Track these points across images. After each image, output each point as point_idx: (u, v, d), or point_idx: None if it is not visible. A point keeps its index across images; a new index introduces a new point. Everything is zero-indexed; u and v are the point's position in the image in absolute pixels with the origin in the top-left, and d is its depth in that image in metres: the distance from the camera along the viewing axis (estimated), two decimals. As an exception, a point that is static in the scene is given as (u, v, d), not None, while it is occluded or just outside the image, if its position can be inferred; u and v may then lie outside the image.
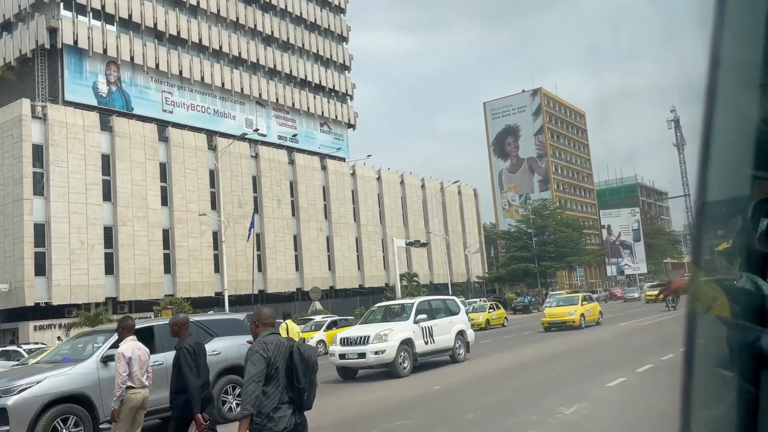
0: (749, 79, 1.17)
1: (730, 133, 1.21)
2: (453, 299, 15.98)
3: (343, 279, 52.21)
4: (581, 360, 14.57)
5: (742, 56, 1.19)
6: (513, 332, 28.06)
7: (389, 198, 59.03)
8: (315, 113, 56.66)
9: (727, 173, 1.22)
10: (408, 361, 12.66)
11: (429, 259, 63.68)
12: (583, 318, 25.24)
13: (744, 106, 1.20)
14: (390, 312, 14.77)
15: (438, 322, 14.00)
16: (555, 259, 55.45)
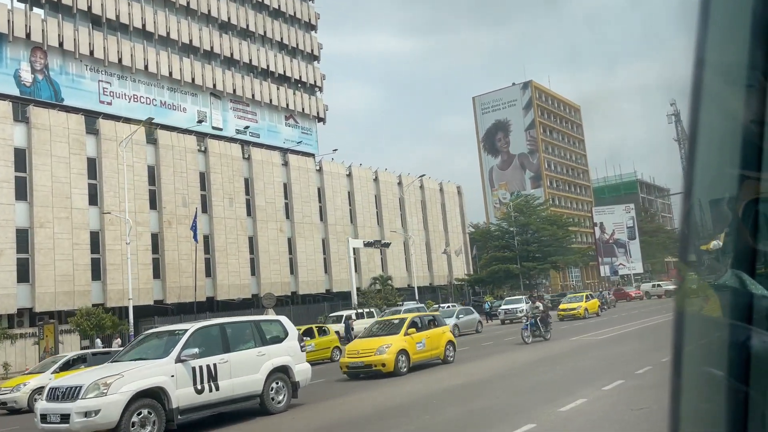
0: (735, 79, 1.17)
1: (718, 133, 1.21)
2: (278, 320, 11.36)
3: (307, 284, 48.24)
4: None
5: (728, 56, 1.19)
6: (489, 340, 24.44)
7: (361, 196, 55.06)
8: (279, 106, 52.76)
9: (715, 173, 1.22)
10: (150, 425, 8.33)
11: (407, 260, 59.65)
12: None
13: (731, 106, 1.20)
14: (152, 343, 10.07)
15: (232, 357, 9.56)
16: (538, 259, 51.26)
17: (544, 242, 52.69)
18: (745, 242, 1.18)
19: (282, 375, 10.21)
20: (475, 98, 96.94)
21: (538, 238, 52.60)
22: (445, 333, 17.75)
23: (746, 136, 1.15)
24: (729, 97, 1.21)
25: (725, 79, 1.22)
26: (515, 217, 53.63)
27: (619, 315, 33.92)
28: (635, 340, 18.71)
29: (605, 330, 23.62)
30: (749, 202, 1.16)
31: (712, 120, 1.20)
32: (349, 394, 12.10)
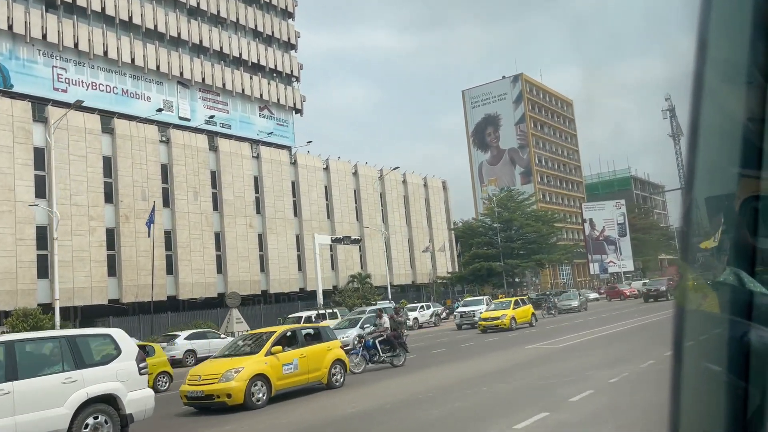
0: (735, 76, 1.18)
1: (717, 130, 1.22)
2: (107, 334, 8.31)
3: (279, 282, 46.04)
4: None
5: (728, 53, 1.20)
6: (442, 346, 21.98)
7: (339, 190, 52.85)
8: (252, 96, 50.46)
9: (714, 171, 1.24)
10: None
11: (388, 257, 57.46)
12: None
13: (730, 103, 1.21)
14: None
15: (19, 387, 7.08)
16: (522, 256, 49.09)
17: (528, 239, 50.50)
18: (743, 240, 1.18)
19: (104, 407, 7.80)
20: (464, 92, 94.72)
21: (522, 235, 50.43)
22: (332, 350, 14.09)
23: (745, 133, 1.14)
24: (728, 94, 1.20)
25: (725, 76, 1.20)
26: (499, 213, 51.43)
27: (559, 325, 27.85)
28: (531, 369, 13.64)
29: (522, 348, 18.71)
30: (747, 199, 1.16)
31: (711, 117, 1.19)
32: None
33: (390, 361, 16.62)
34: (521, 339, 22.19)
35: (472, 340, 24.55)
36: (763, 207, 1.15)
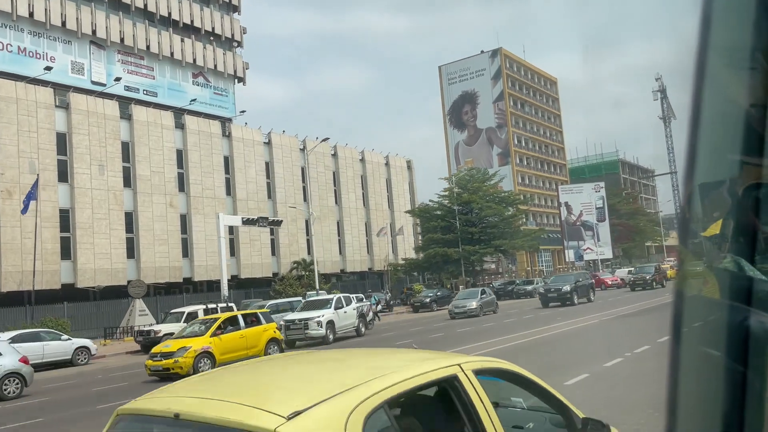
0: (738, 61, 1.18)
1: (719, 116, 1.21)
2: None
3: (205, 269, 41.07)
4: None
5: (731, 38, 1.20)
6: None
7: (283, 168, 47.75)
8: (183, 60, 45.15)
9: (715, 157, 1.23)
10: None
11: (342, 242, 52.58)
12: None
13: (732, 89, 1.21)
14: None
15: None
16: (481, 242, 44.20)
17: (488, 223, 45.53)
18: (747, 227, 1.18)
19: None
20: (441, 67, 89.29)
21: (482, 219, 45.47)
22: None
23: (747, 120, 1.13)
24: (731, 79, 1.19)
25: (727, 61, 1.19)
26: (458, 194, 46.46)
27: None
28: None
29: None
30: (748, 187, 1.16)
31: (713, 103, 1.17)
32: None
33: None
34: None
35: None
36: (764, 194, 1.13)
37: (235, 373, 3.08)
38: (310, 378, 2.76)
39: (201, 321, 18.20)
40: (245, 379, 2.91)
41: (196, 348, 15.61)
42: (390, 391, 2.29)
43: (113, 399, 10.65)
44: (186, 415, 2.26)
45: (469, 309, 27.76)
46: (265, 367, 3.46)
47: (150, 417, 2.55)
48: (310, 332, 21.22)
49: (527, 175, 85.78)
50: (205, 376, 3.21)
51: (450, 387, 2.57)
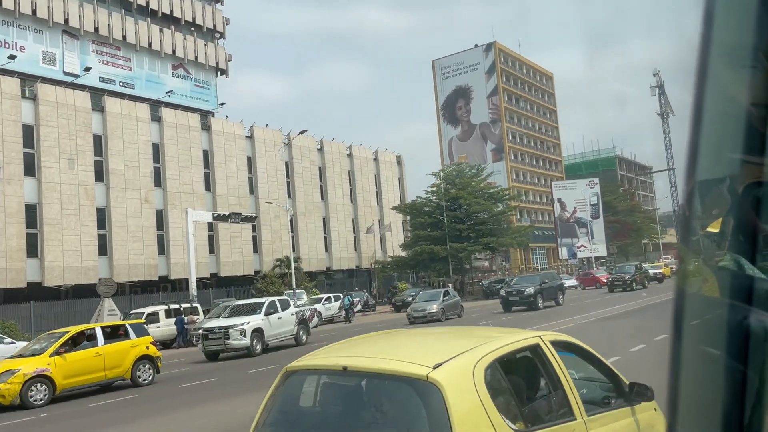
0: (739, 59, 1.17)
1: (720, 115, 1.22)
2: None
3: (183, 266, 39.59)
4: None
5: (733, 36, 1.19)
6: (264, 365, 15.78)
7: (266, 162, 46.35)
8: (162, 51, 43.73)
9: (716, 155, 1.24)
10: None
11: (328, 239, 51.26)
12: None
13: (734, 88, 1.20)
14: None
15: None
16: (469, 239, 42.79)
17: (477, 219, 44.07)
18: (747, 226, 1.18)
19: None
20: (434, 62, 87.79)
21: (470, 215, 44.03)
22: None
23: (748, 118, 1.13)
24: (732, 78, 1.19)
25: (729, 59, 1.18)
26: (446, 190, 45.04)
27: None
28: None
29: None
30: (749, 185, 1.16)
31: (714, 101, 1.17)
32: None
33: None
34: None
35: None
36: (765, 193, 1.13)
37: (370, 342, 3.81)
38: (432, 344, 3.65)
39: (48, 335, 14.95)
40: (382, 345, 3.72)
41: (27, 371, 12.64)
42: (497, 353, 3.05)
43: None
44: (353, 367, 3.09)
45: (430, 313, 24.69)
46: (391, 338, 4.32)
47: (320, 370, 3.35)
48: (231, 342, 18.13)
49: (521, 171, 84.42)
50: (346, 343, 3.83)
51: (534, 353, 3.27)
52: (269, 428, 3.20)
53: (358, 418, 3.05)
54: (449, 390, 2.66)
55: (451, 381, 2.71)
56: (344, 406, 3.19)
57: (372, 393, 3.11)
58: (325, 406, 3.32)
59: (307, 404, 3.34)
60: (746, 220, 1.17)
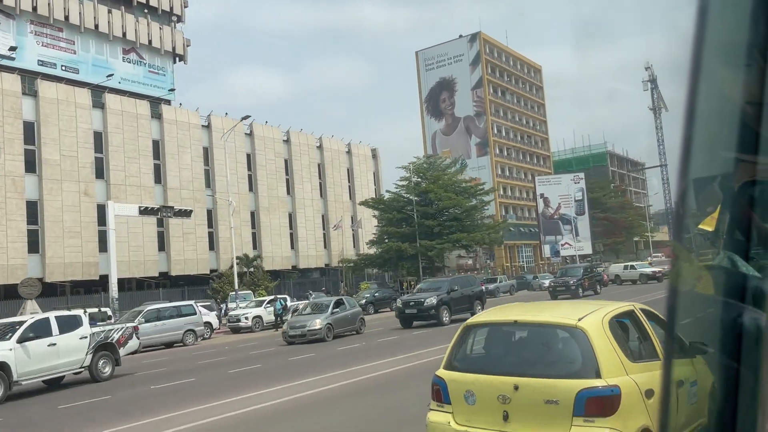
0: (734, 58, 1.17)
1: (715, 113, 1.22)
2: None
3: (128, 265, 36.77)
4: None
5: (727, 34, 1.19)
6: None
7: (225, 154, 43.35)
8: (111, 34, 40.72)
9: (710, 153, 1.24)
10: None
11: (294, 236, 48.38)
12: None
13: (728, 86, 1.20)
14: None
15: None
16: (439, 236, 39.91)
17: (448, 215, 41.15)
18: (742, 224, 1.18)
19: None
20: (418, 53, 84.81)
21: (441, 210, 41.12)
22: None
23: (743, 117, 1.13)
24: (726, 76, 1.19)
25: (723, 57, 1.19)
26: (416, 183, 42.15)
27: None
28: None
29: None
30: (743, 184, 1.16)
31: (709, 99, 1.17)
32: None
33: None
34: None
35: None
36: (759, 192, 1.14)
37: (518, 308, 5.65)
38: (566, 308, 5.47)
39: None
40: (530, 308, 5.65)
41: None
42: (611, 313, 4.43)
43: None
44: (521, 320, 4.78)
45: (310, 330, 19.05)
46: (532, 305, 6.38)
47: (495, 324, 4.98)
48: None
49: (507, 166, 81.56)
50: (499, 309, 5.50)
51: (631, 315, 4.62)
52: (459, 363, 4.73)
53: (528, 351, 4.64)
54: (590, 332, 4.09)
55: (590, 327, 4.13)
56: (516, 345, 4.76)
57: (538, 336, 4.64)
58: (499, 346, 4.89)
59: (482, 345, 4.89)
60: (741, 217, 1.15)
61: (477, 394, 4.36)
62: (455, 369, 4.62)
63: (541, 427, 4.02)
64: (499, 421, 4.18)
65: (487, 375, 4.42)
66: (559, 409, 3.90)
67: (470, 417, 4.37)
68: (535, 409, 4.05)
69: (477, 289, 24.06)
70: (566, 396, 3.95)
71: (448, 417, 4.48)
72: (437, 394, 4.63)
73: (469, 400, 4.39)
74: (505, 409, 4.16)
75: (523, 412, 4.13)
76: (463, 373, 4.55)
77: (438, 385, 4.62)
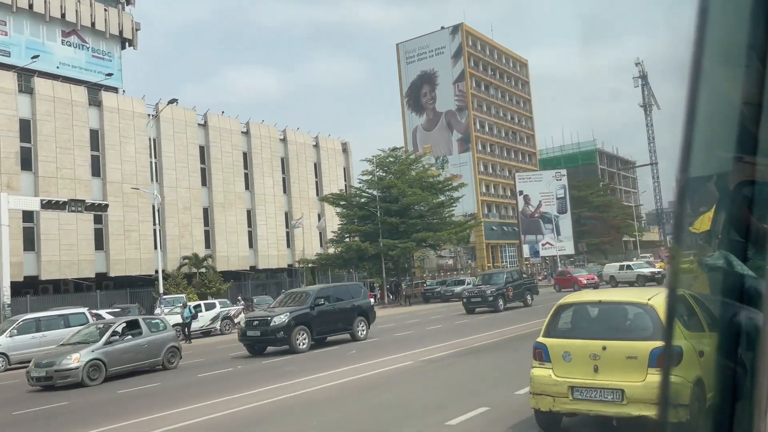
0: (732, 58, 1.18)
1: (712, 113, 1.22)
2: None
3: (58, 265, 33.71)
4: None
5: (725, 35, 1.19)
6: None
7: (173, 145, 40.33)
8: (48, 15, 37.57)
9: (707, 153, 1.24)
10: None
11: (253, 234, 45.35)
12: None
13: (727, 86, 1.21)
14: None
15: None
16: (402, 235, 36.89)
17: (412, 213, 38.08)
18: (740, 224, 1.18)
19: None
20: (399, 45, 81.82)
21: (406, 207, 38.10)
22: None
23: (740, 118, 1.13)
24: (725, 77, 1.19)
25: (722, 58, 1.19)
26: (379, 178, 39.15)
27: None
28: None
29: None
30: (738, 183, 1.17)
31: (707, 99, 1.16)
32: None
33: None
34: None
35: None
36: (757, 192, 1.13)
37: (596, 293, 8.53)
38: (634, 292, 7.10)
39: None
40: (607, 293, 8.56)
41: None
42: None
43: None
44: (605, 300, 6.40)
45: (61, 371, 13.16)
46: (607, 290, 11.41)
47: (581, 303, 6.46)
48: None
49: (491, 163, 78.68)
50: (584, 292, 9.22)
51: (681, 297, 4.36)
52: (555, 332, 6.09)
53: (611, 322, 6.03)
54: (658, 308, 5.19)
55: (657, 304, 5.22)
56: (598, 318, 6.17)
57: (617, 311, 6.15)
58: (584, 320, 6.28)
59: (569, 320, 6.27)
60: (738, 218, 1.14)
61: (573, 354, 5.84)
62: (553, 336, 6.14)
63: (624, 375, 5.37)
64: (591, 372, 5.65)
65: (580, 339, 5.94)
66: (638, 362, 5.20)
67: (567, 371, 5.83)
68: (619, 363, 5.43)
69: (360, 301, 18.56)
70: (643, 353, 5.29)
71: (549, 371, 5.94)
72: (539, 355, 6.09)
73: (566, 358, 5.88)
74: (595, 364, 5.62)
75: (609, 365, 5.55)
76: (560, 339, 6.06)
77: (540, 348, 6.09)
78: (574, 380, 5.63)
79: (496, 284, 24.93)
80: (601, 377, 5.47)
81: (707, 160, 1.19)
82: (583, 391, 5.59)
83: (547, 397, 5.78)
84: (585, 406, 5.63)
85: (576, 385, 5.62)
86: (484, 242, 71.96)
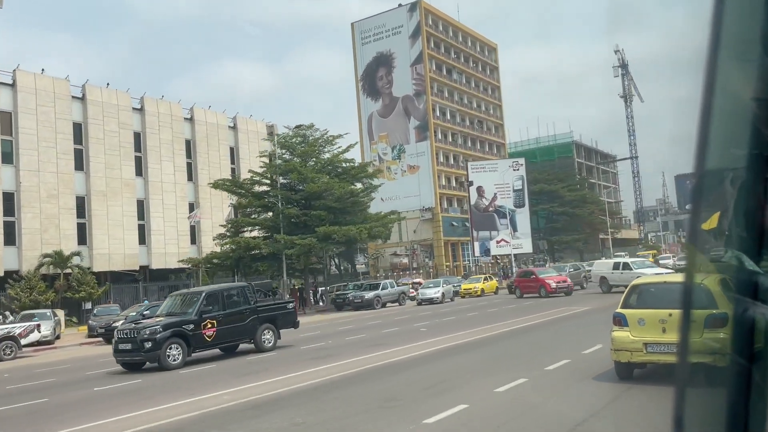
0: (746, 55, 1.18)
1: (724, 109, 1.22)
2: None
3: None
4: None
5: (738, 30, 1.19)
6: None
7: (38, 122, 33.78)
8: None
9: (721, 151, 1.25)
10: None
11: (146, 229, 38.84)
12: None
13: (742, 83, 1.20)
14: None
15: None
16: (306, 229, 30.50)
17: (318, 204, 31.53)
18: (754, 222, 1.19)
19: None
20: (354, 24, 75.31)
21: (308, 195, 31.64)
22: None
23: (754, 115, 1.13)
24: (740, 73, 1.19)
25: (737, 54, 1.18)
26: (285, 161, 32.72)
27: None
28: None
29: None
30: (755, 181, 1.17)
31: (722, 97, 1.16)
32: None
33: None
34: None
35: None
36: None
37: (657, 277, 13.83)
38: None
39: None
40: (669, 277, 11.29)
41: None
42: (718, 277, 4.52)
43: None
44: (669, 282, 9.03)
45: None
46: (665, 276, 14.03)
47: (646, 284, 9.22)
48: None
49: (452, 153, 72.37)
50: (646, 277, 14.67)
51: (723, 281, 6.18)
52: (629, 304, 8.38)
53: (675, 297, 7.26)
54: (710, 286, 5.07)
55: (710, 283, 4.78)
56: (662, 294, 8.30)
57: (677, 288, 7.21)
58: (651, 295, 8.44)
59: (637, 296, 8.46)
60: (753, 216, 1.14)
61: (646, 320, 8.07)
62: (629, 307, 8.42)
63: None
64: (660, 333, 7.86)
65: (652, 309, 8.09)
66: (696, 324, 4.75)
67: (641, 333, 8.09)
68: None
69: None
70: (699, 318, 5.69)
71: (627, 333, 8.25)
72: (618, 322, 8.41)
73: (640, 323, 8.11)
74: (663, 326, 7.83)
75: (674, 327, 7.19)
76: (635, 309, 8.32)
77: (619, 317, 8.38)
78: (648, 338, 8.03)
79: (182, 315, 14.62)
80: (667, 336, 7.78)
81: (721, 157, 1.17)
82: (654, 346, 7.98)
83: (625, 352, 8.20)
84: (656, 357, 8.02)
85: (649, 342, 8.02)
86: (442, 239, 65.79)
